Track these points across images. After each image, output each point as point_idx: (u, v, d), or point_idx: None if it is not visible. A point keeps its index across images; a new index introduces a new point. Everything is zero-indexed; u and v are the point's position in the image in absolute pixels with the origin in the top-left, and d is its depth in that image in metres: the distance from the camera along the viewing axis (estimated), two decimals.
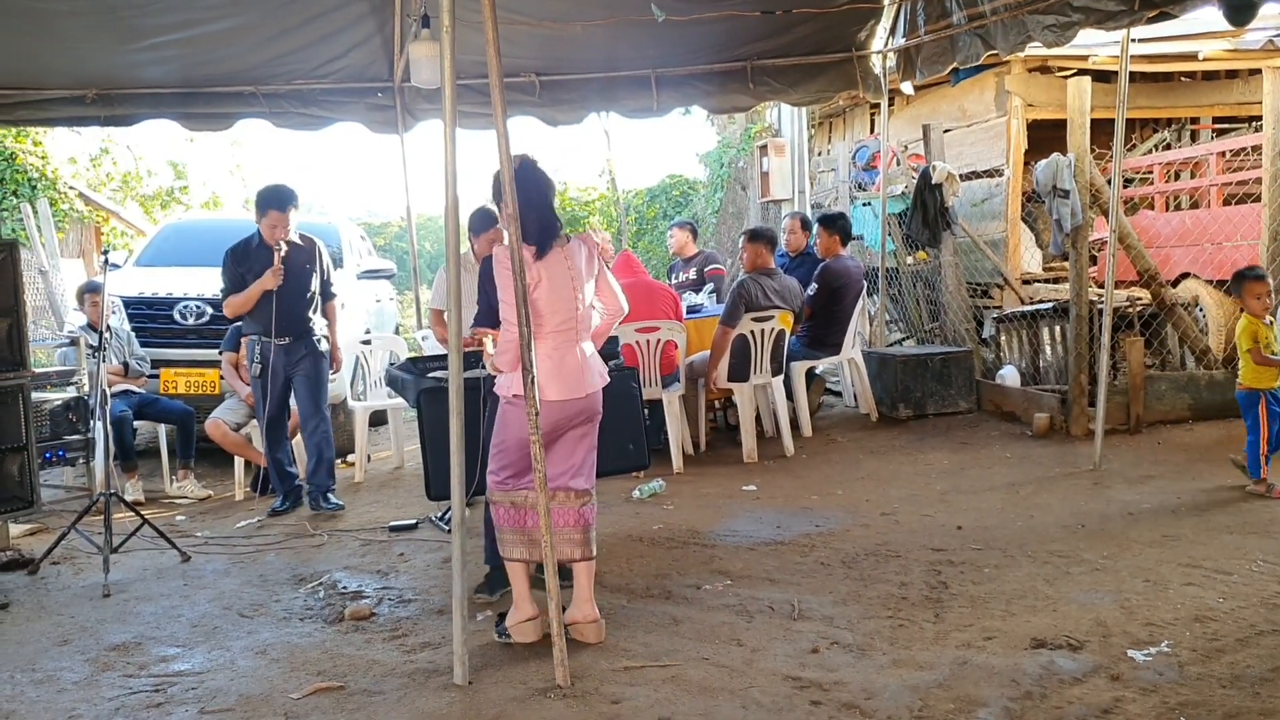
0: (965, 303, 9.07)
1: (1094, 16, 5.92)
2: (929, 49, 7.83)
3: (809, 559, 4.99)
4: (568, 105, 8.55)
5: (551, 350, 3.97)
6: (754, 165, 14.25)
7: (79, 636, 4.45)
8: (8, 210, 14.17)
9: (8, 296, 5.21)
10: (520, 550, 4.08)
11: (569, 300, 3.99)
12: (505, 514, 4.10)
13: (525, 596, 4.09)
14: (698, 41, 7.99)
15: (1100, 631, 3.86)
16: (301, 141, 28.13)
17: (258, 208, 6.38)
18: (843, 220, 8.35)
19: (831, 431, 8.02)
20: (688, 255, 9.56)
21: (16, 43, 6.68)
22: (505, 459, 4.08)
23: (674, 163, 35.21)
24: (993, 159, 9.99)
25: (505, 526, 4.10)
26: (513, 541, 4.08)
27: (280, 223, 6.33)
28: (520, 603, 4.08)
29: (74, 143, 17.04)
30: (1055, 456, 6.80)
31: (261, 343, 6.35)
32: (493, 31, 3.38)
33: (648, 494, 6.38)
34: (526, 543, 4.06)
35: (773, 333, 7.21)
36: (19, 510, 5.37)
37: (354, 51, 7.81)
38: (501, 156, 3.59)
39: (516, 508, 4.08)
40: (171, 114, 8.05)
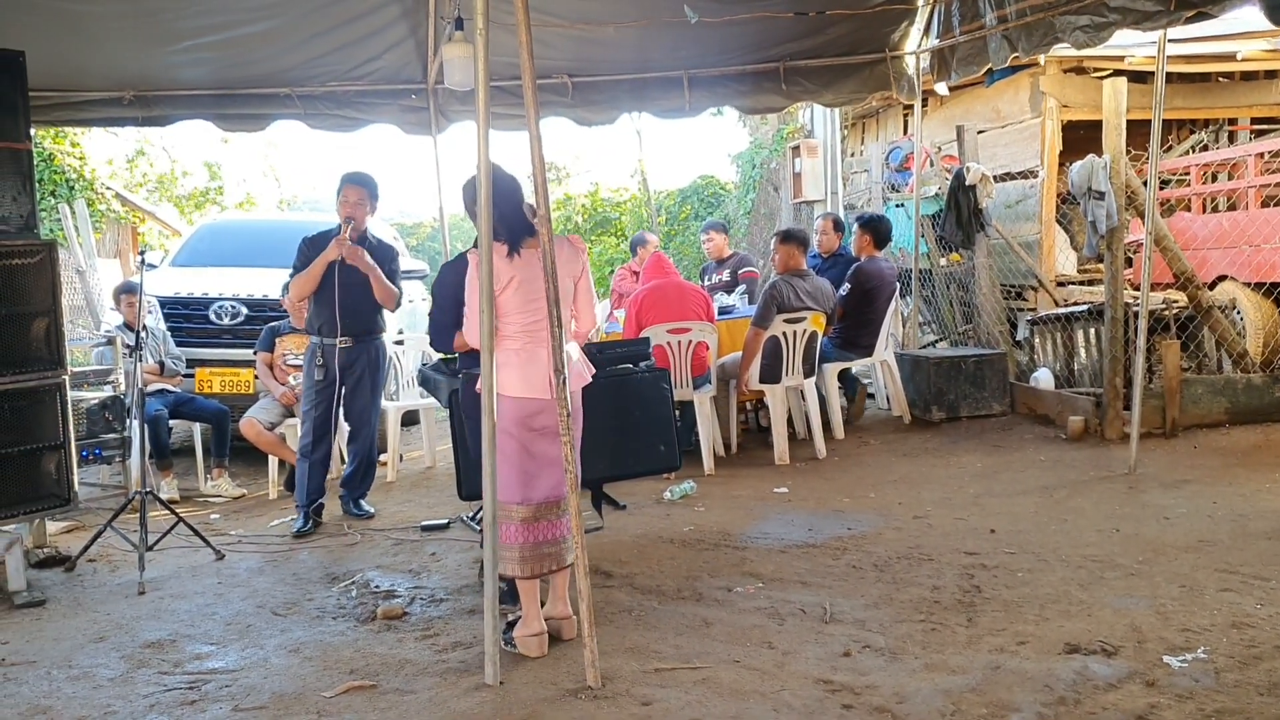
0: (999, 305, 9.01)
1: (1131, 17, 5.86)
2: (963, 50, 7.78)
3: (841, 562, 4.97)
4: (599, 105, 8.56)
5: (520, 348, 3.97)
6: (786, 166, 14.22)
7: (115, 633, 4.49)
8: (46, 211, 14.35)
9: (46, 296, 5.26)
10: (529, 567, 4.02)
11: (541, 300, 3.88)
12: (515, 530, 4.03)
13: (537, 612, 4.05)
14: (730, 42, 7.98)
15: (1135, 637, 3.83)
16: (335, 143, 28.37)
17: (338, 188, 6.12)
18: (879, 222, 8.30)
19: (864, 434, 7.99)
20: (722, 257, 9.56)
21: (56, 44, 6.75)
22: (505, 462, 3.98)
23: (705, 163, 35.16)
24: (1027, 160, 9.92)
25: (511, 543, 4.02)
26: (514, 559, 4.02)
27: (355, 198, 6.04)
28: (530, 618, 4.03)
29: (111, 144, 17.26)
30: (1090, 460, 6.74)
31: (323, 345, 6.16)
32: (526, 34, 3.39)
33: (679, 495, 6.37)
34: (535, 558, 4.03)
35: (805, 334, 7.19)
36: (56, 508, 5.42)
37: (388, 54, 7.84)
38: (534, 159, 3.60)
39: (526, 523, 4.02)
40: (207, 115, 8.11)
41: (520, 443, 4.00)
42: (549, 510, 4.06)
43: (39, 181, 14.77)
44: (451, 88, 6.97)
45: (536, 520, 4.02)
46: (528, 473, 4.02)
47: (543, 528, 4.04)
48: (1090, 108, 8.85)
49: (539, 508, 4.03)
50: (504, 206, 3.98)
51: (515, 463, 4.00)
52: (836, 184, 13.32)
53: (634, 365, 5.79)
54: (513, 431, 3.97)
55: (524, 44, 3.39)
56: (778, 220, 15.20)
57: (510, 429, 3.97)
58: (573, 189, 21.70)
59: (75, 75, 7.53)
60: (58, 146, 15.29)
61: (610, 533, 5.68)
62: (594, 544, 5.16)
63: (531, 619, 4.03)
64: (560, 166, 21.85)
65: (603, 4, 7.24)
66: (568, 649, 3.97)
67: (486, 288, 3.61)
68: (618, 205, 20.66)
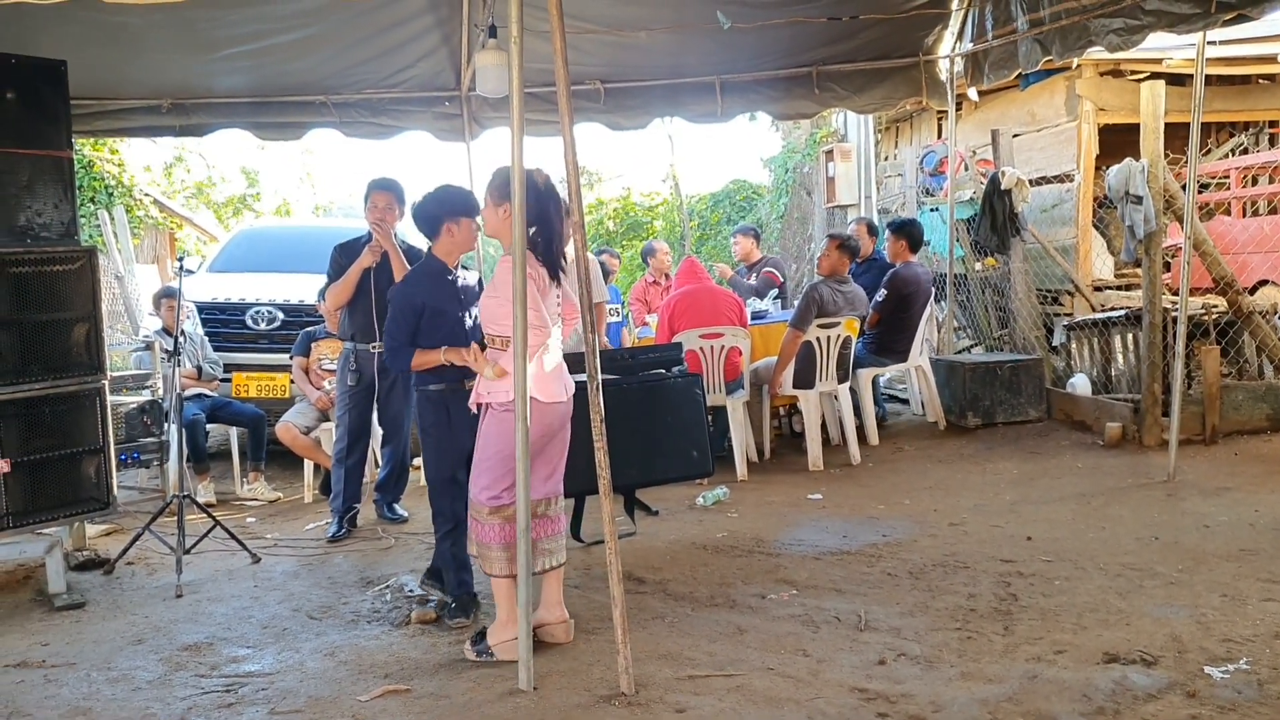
0: (1035, 309, 8.95)
1: (1166, 20, 5.81)
2: (997, 54, 7.75)
3: (876, 569, 4.94)
4: (632, 111, 8.58)
5: (538, 356, 3.98)
6: (819, 170, 14.18)
7: (153, 636, 4.53)
8: (85, 217, 14.52)
9: (86, 302, 5.33)
10: (511, 566, 3.98)
11: (539, 309, 3.96)
12: (495, 531, 4.02)
13: (515, 615, 3.95)
14: (763, 48, 7.98)
15: (1175, 647, 3.78)
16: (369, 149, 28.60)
17: (366, 194, 6.10)
18: (912, 226, 8.28)
19: (899, 440, 7.95)
20: (752, 261, 9.57)
21: (96, 54, 6.83)
22: (498, 471, 4.00)
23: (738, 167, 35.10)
24: (1063, 164, 9.84)
25: (494, 543, 4.02)
26: (501, 558, 4.01)
27: (384, 203, 6.00)
28: (509, 621, 3.98)
29: (150, 151, 17.43)
30: (1128, 467, 6.67)
31: (357, 351, 6.16)
32: (560, 41, 3.40)
33: (712, 501, 6.36)
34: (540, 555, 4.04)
35: (839, 339, 7.16)
36: (96, 511, 5.49)
37: (422, 62, 7.90)
38: (567, 164, 3.60)
39: (509, 522, 3.98)
40: (245, 124, 8.20)
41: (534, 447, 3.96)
42: (548, 506, 4.13)
43: (79, 188, 14.98)
44: (484, 95, 7.00)
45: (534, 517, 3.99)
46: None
47: (540, 525, 4.07)
48: (1127, 111, 8.77)
49: (535, 504, 4.01)
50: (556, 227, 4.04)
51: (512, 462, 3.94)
52: (870, 188, 13.27)
53: (666, 370, 5.79)
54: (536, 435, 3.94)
55: (558, 52, 3.40)
56: (810, 224, 15.16)
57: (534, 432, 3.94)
58: (605, 193, 21.73)
59: (115, 84, 7.63)
60: (97, 153, 15.45)
61: (643, 538, 5.67)
62: (627, 549, 5.16)
63: (509, 623, 3.98)
64: (592, 171, 21.89)
65: (636, 10, 7.26)
66: (601, 654, 3.97)
67: (520, 291, 3.62)
68: (650, 210, 20.67)
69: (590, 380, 3.59)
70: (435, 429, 4.55)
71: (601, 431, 3.59)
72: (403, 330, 4.44)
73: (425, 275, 4.59)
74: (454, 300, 4.55)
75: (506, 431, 3.93)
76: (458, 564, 4.57)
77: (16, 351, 5.02)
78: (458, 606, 4.54)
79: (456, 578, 4.59)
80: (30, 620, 4.85)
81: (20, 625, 4.78)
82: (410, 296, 4.48)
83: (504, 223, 3.96)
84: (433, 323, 4.46)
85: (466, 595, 4.57)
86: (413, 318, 4.43)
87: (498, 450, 3.99)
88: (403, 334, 4.44)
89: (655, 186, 21.34)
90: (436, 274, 4.57)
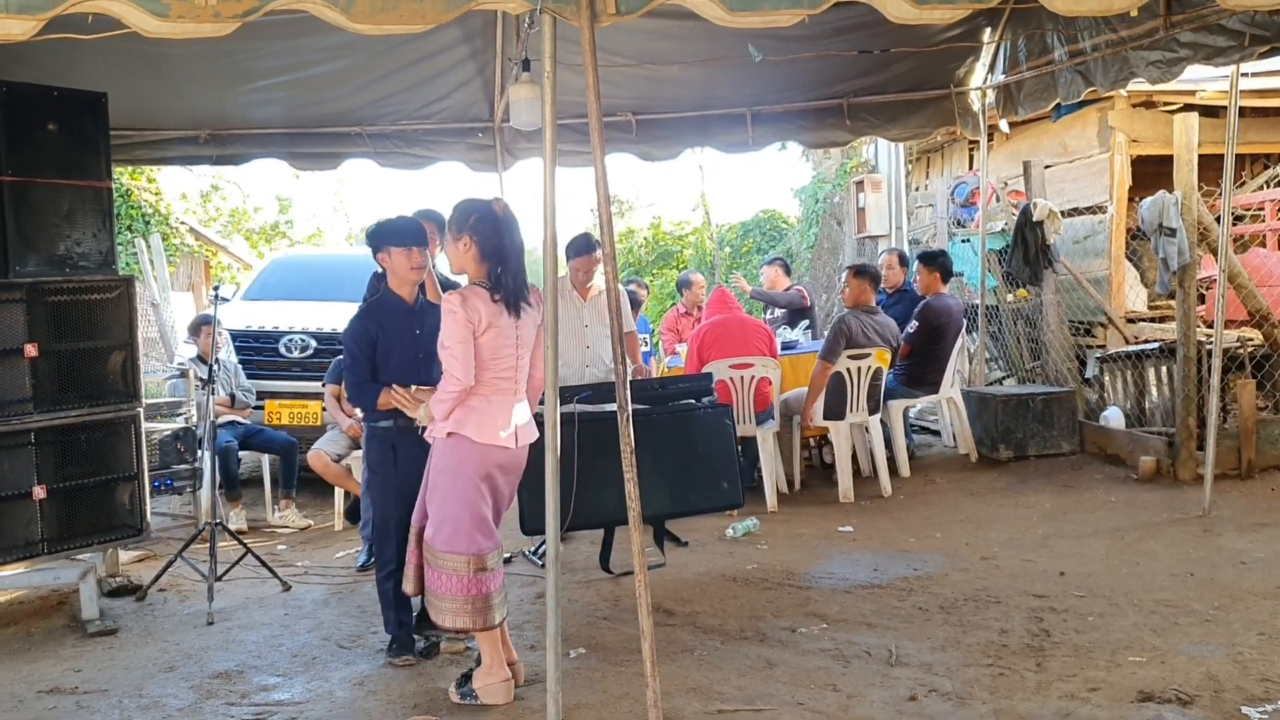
0: (1067, 341, 8.89)
1: (1202, 52, 5.80)
2: (1030, 85, 7.74)
3: (907, 603, 4.91)
4: (663, 142, 8.63)
5: (490, 396, 3.90)
6: (850, 200, 14.18)
7: (184, 663, 4.56)
8: (123, 245, 14.71)
9: (123, 330, 5.40)
10: (481, 618, 3.90)
11: (510, 352, 3.92)
12: (462, 582, 3.88)
13: (499, 659, 3.96)
14: (794, 79, 8.01)
15: (1212, 686, 3.73)
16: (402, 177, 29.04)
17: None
18: (943, 257, 8.26)
19: (930, 472, 7.90)
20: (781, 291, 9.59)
21: (135, 85, 6.93)
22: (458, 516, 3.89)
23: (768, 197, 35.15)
24: (1095, 195, 9.79)
25: (458, 595, 3.88)
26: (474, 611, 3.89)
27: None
28: (494, 665, 3.94)
29: (186, 179, 17.65)
30: (1162, 501, 6.60)
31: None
32: (593, 76, 3.42)
33: (741, 533, 6.34)
34: (484, 609, 3.91)
35: (869, 370, 7.14)
36: (129, 538, 5.54)
37: (455, 93, 7.96)
38: (599, 197, 3.62)
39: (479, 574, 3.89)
40: (280, 154, 8.30)
41: (480, 491, 3.92)
42: (496, 558, 3.98)
43: (116, 216, 15.18)
44: (518, 127, 7.05)
45: (490, 570, 3.92)
46: (484, 520, 3.93)
47: (492, 577, 3.94)
48: (1160, 142, 8.72)
49: (489, 557, 3.93)
50: (520, 257, 4.00)
51: (475, 510, 3.90)
52: (901, 219, 13.26)
53: (696, 400, 5.79)
54: (475, 479, 3.89)
55: (591, 86, 3.42)
56: (841, 254, 15.14)
57: (473, 476, 3.89)
58: (635, 222, 21.81)
59: (153, 115, 7.73)
60: (134, 182, 15.67)
61: (672, 570, 5.66)
62: (656, 581, 5.15)
63: (495, 665, 3.94)
64: (623, 200, 21.99)
65: (668, 44, 7.29)
66: (630, 687, 3.96)
67: (551, 326, 3.63)
68: (680, 239, 20.71)
69: (620, 410, 3.59)
70: (380, 468, 4.54)
71: (631, 462, 3.58)
72: (359, 365, 4.43)
73: (379, 308, 4.57)
74: (407, 334, 4.49)
75: (450, 467, 3.88)
76: (397, 603, 4.48)
77: (54, 379, 5.08)
78: (398, 645, 4.48)
79: (396, 617, 4.52)
80: (63, 646, 4.89)
81: (54, 651, 4.81)
82: (362, 330, 4.49)
83: (465, 256, 3.92)
84: (384, 358, 4.44)
85: (406, 634, 4.51)
86: (368, 350, 4.43)
87: (451, 491, 3.90)
88: (360, 369, 4.44)
89: (685, 215, 21.41)
90: (390, 306, 4.54)
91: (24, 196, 5.02)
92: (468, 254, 3.91)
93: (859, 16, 6.17)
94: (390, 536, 4.51)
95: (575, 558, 5.97)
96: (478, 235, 3.91)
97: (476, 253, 3.91)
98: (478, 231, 3.91)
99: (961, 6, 3.48)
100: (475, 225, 3.91)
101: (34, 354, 4.99)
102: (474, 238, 3.90)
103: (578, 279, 6.64)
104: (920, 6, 3.37)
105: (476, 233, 3.90)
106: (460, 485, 3.87)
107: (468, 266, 3.96)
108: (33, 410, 5.00)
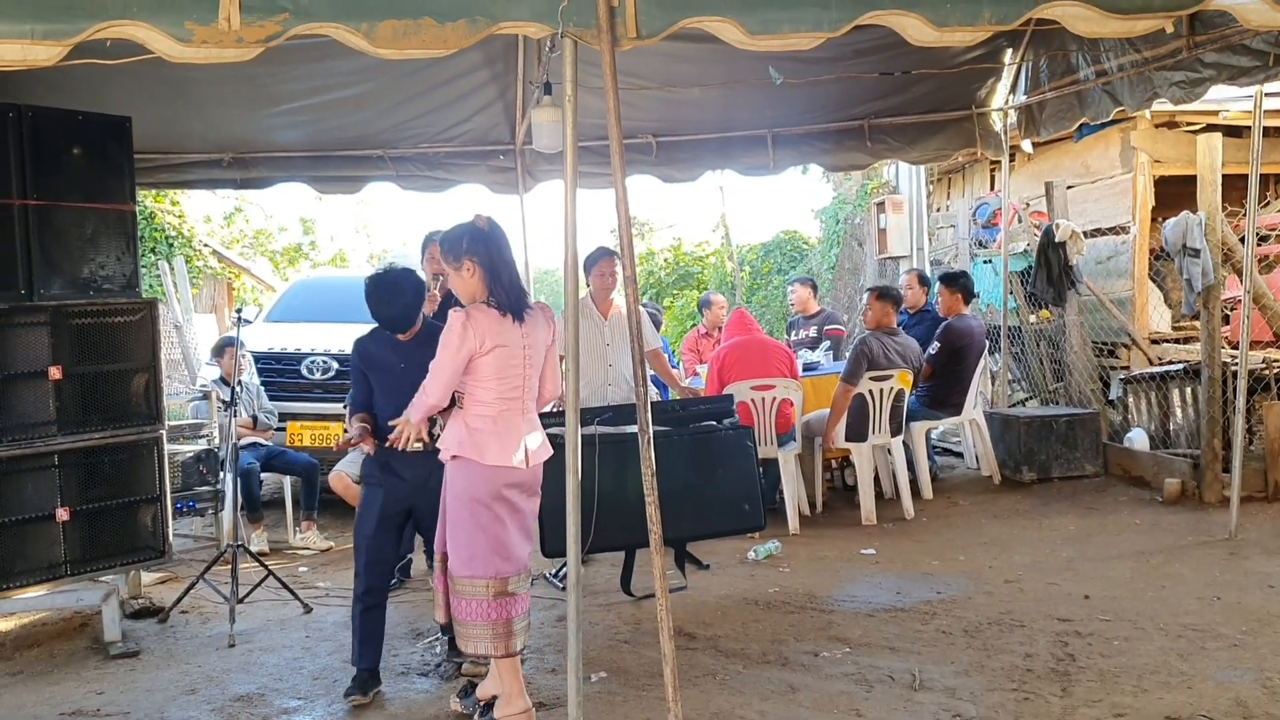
0: (1090, 363, 8.83)
1: (1227, 73, 5.78)
2: (1053, 105, 7.74)
3: (930, 627, 4.87)
4: (683, 164, 8.65)
5: (497, 416, 3.84)
6: (871, 221, 14.16)
7: (205, 686, 4.56)
8: (146, 267, 14.82)
9: (146, 353, 5.42)
10: (502, 644, 3.83)
11: (518, 371, 3.88)
12: (484, 608, 3.82)
13: (520, 689, 3.90)
14: (814, 101, 8.03)
15: (1241, 712, 3.69)
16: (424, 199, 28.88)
17: (423, 245, 6.21)
18: (964, 278, 8.24)
19: (953, 494, 7.85)
20: (809, 313, 9.56)
21: (159, 109, 7.00)
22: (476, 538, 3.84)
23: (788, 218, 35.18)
24: (1118, 216, 9.75)
25: (480, 620, 3.82)
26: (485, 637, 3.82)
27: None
28: (514, 695, 3.88)
29: (209, 202, 17.81)
30: (1187, 524, 6.54)
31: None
32: (614, 99, 3.43)
33: (763, 555, 6.31)
34: (508, 634, 3.84)
35: (891, 392, 7.11)
36: (152, 560, 5.54)
37: (477, 116, 8.01)
38: (620, 220, 3.62)
39: (499, 599, 3.83)
40: (304, 177, 8.35)
41: (495, 513, 3.85)
42: (520, 582, 3.91)
43: (140, 239, 15.31)
44: (540, 150, 7.08)
45: (511, 595, 3.86)
46: (502, 543, 3.85)
47: (515, 602, 3.88)
48: (1183, 163, 8.68)
49: (510, 581, 3.87)
50: (512, 268, 3.96)
51: (490, 533, 3.83)
52: (922, 239, 13.23)
53: (717, 422, 5.78)
54: (487, 501, 3.83)
55: (612, 109, 3.43)
56: (862, 275, 15.12)
57: (485, 499, 3.83)
58: (656, 243, 21.84)
59: (178, 138, 7.81)
60: (158, 205, 15.80)
61: (694, 593, 5.64)
62: (677, 604, 5.12)
63: (515, 696, 3.88)
64: (643, 221, 22.02)
65: (688, 67, 7.32)
66: (652, 711, 3.94)
67: (573, 346, 3.64)
68: (700, 260, 20.72)
69: (641, 433, 3.58)
70: (372, 480, 4.48)
71: (653, 484, 3.57)
72: (359, 392, 4.44)
73: (371, 339, 4.55)
74: (393, 369, 4.41)
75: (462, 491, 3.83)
76: (365, 633, 4.36)
77: (78, 401, 5.11)
78: (355, 684, 4.31)
79: (360, 650, 4.37)
80: (86, 668, 4.90)
81: (76, 673, 4.82)
82: (355, 360, 4.52)
83: (472, 280, 3.88)
84: (377, 390, 4.43)
85: (367, 672, 4.36)
86: (362, 381, 4.45)
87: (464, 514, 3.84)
88: (358, 395, 4.44)
89: (705, 236, 21.43)
90: (381, 338, 4.53)
91: (49, 220, 5.05)
92: (474, 278, 3.88)
93: (880, 38, 6.17)
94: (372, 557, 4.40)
95: (596, 580, 5.96)
96: (477, 255, 3.86)
97: (481, 273, 3.87)
98: (474, 252, 3.87)
99: (983, 28, 3.47)
100: (470, 247, 3.87)
101: (58, 376, 5.02)
102: (474, 259, 3.87)
103: (600, 287, 6.63)
104: (941, 29, 3.37)
105: (474, 254, 3.86)
106: (473, 509, 3.82)
107: (476, 290, 3.91)
108: (56, 432, 5.03)
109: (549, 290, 24.66)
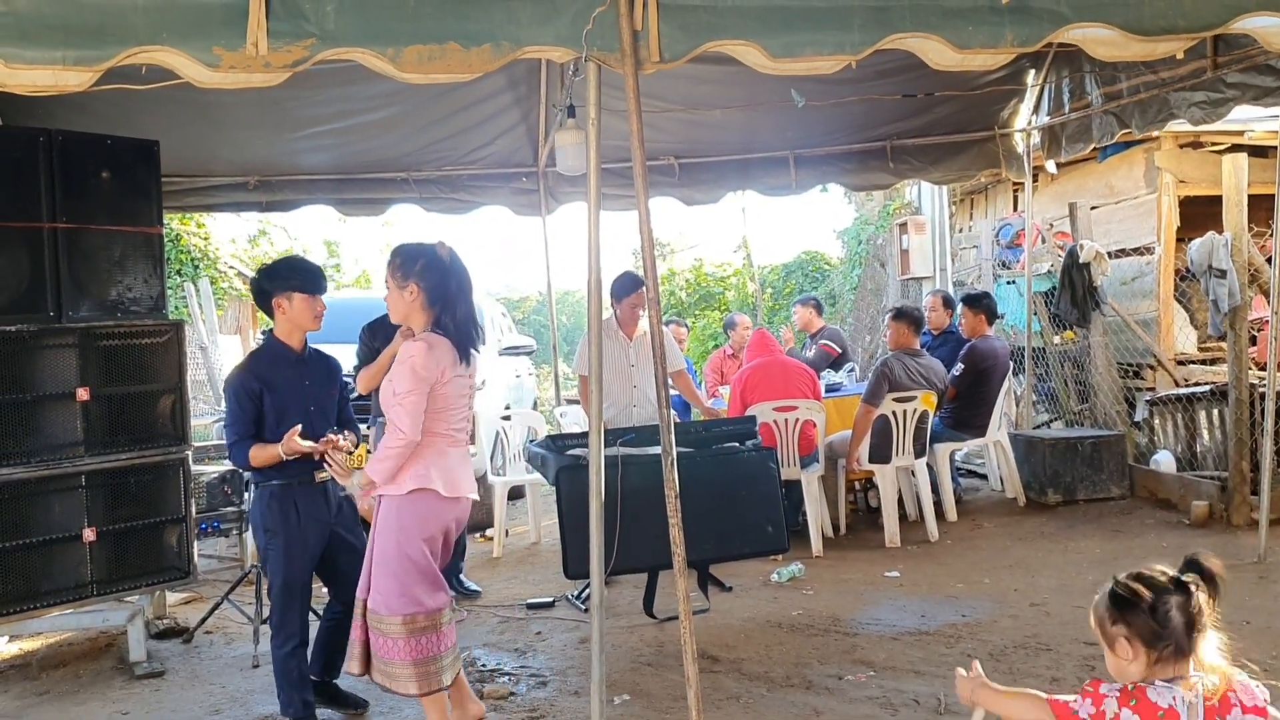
0: (1116, 384, 8.78)
1: (1251, 93, 5.77)
2: (1074, 126, 7.73)
3: (955, 650, 4.83)
4: (706, 185, 8.67)
5: (444, 449, 3.81)
6: (893, 242, 14.14)
7: (229, 707, 4.58)
8: (172, 289, 14.91)
9: (172, 374, 5.47)
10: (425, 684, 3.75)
11: (464, 403, 3.88)
12: (403, 646, 3.72)
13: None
14: (836, 123, 8.03)
15: None
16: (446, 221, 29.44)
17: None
18: (987, 299, 8.20)
19: (977, 516, 7.80)
20: (812, 331, 9.59)
21: (186, 133, 7.05)
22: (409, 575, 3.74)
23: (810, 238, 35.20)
24: (1143, 236, 9.71)
25: (405, 659, 3.72)
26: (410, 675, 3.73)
27: None
28: None
29: (234, 224, 17.91)
30: (1215, 547, 6.44)
31: None
32: (637, 122, 3.45)
33: (786, 578, 6.29)
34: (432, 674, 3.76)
35: (915, 413, 7.09)
36: (177, 580, 5.57)
37: (500, 139, 8.05)
38: (643, 242, 3.64)
39: (422, 634, 3.74)
40: (328, 200, 8.41)
41: (434, 548, 3.81)
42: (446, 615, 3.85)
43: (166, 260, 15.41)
44: (563, 172, 7.11)
45: (439, 629, 3.79)
46: (431, 576, 3.80)
47: (443, 637, 3.81)
48: (1208, 183, 8.64)
49: (444, 613, 3.82)
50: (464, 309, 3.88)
51: (420, 567, 3.75)
52: (945, 260, 13.20)
53: (740, 444, 5.77)
54: (434, 534, 3.79)
55: (635, 133, 3.45)
56: (884, 296, 15.08)
57: (435, 532, 3.79)
58: (677, 264, 21.87)
59: (204, 162, 7.87)
60: (184, 227, 15.92)
61: (716, 615, 5.62)
62: (700, 627, 5.11)
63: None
64: (665, 242, 22.05)
65: (710, 89, 7.35)
66: None
67: (597, 367, 3.64)
68: (721, 280, 20.73)
69: (664, 455, 3.58)
70: (283, 529, 4.20)
71: (676, 506, 3.57)
72: (241, 422, 4.14)
73: (264, 359, 4.32)
74: (297, 387, 4.27)
75: (410, 526, 3.74)
76: (301, 682, 4.23)
77: (105, 422, 5.15)
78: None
79: (300, 698, 4.21)
80: (111, 688, 4.92)
81: (101, 693, 4.85)
82: (246, 383, 4.18)
83: (411, 304, 3.82)
84: (276, 414, 4.18)
85: (310, 715, 4.24)
86: (250, 407, 4.15)
87: (404, 552, 3.74)
88: (242, 426, 4.15)
89: (727, 256, 21.43)
90: (277, 357, 4.29)
91: (77, 243, 5.11)
92: (414, 302, 3.81)
93: (902, 60, 6.13)
94: (294, 604, 4.23)
95: (619, 602, 5.95)
96: (424, 282, 3.80)
97: (424, 300, 3.81)
98: (424, 278, 3.81)
99: (1004, 51, 3.48)
100: (422, 272, 3.80)
101: (85, 398, 5.06)
102: (421, 284, 3.80)
103: (626, 317, 6.66)
104: (963, 52, 3.38)
105: (423, 279, 3.80)
106: (414, 544, 3.73)
107: (413, 315, 3.86)
108: (84, 453, 5.07)
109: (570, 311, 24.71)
